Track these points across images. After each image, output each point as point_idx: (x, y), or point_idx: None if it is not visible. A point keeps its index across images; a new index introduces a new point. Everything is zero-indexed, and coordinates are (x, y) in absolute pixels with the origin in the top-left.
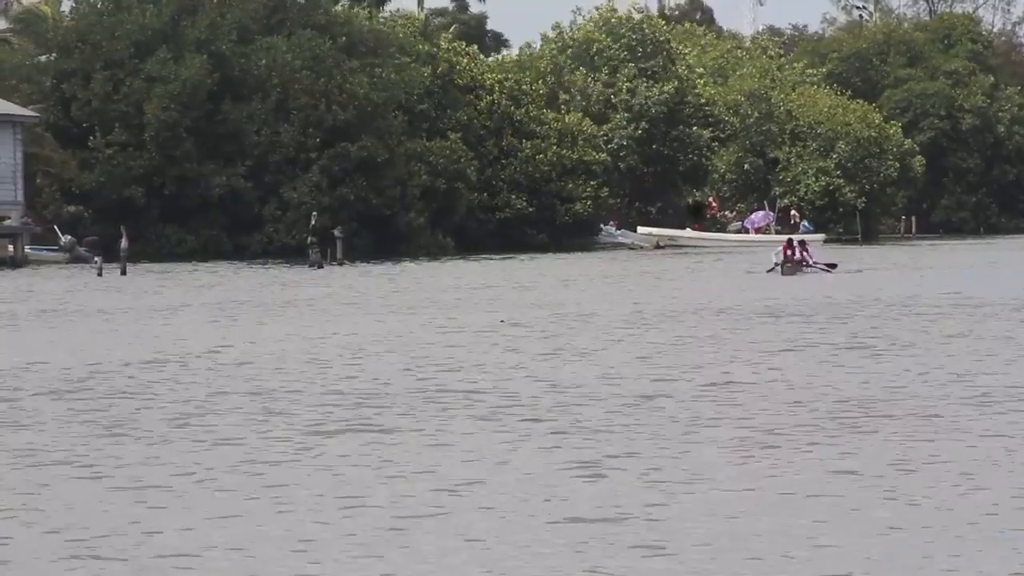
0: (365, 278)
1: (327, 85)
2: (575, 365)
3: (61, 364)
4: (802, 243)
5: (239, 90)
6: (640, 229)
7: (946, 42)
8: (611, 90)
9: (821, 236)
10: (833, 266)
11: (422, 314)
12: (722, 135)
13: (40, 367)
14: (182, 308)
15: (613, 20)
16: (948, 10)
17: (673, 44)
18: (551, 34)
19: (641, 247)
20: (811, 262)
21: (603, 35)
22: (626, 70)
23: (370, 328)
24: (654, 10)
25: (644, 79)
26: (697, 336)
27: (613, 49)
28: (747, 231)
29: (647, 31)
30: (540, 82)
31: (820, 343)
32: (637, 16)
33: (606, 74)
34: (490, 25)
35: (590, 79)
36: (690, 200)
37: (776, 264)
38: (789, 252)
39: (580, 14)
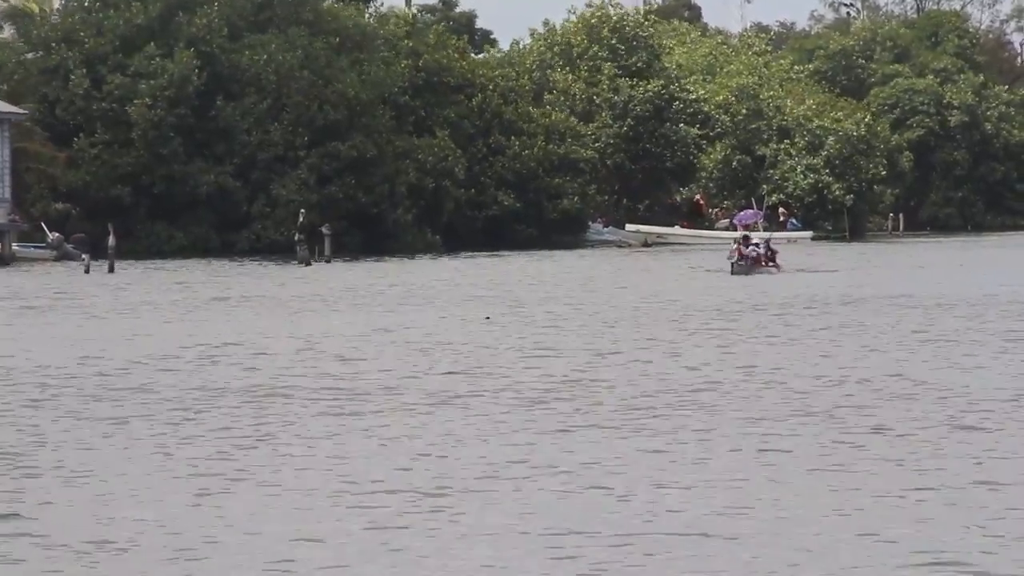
0: (350, 275)
1: (323, 86)
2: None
3: (33, 360)
4: (767, 242)
5: (229, 88)
6: (628, 226)
7: (933, 39)
8: (594, 89)
9: (809, 233)
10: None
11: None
12: (711, 133)
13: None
14: (165, 306)
15: (593, 20)
16: (935, 7)
17: (656, 40)
18: (541, 31)
19: (629, 244)
20: (766, 262)
21: (582, 38)
22: (607, 69)
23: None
24: (641, 6)
25: (627, 77)
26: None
27: (593, 50)
28: (736, 228)
29: (628, 29)
30: (527, 78)
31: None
32: (615, 12)
33: (586, 72)
34: (478, 23)
35: (571, 78)
36: (678, 199)
37: (730, 263)
38: (742, 251)
39: (574, 12)
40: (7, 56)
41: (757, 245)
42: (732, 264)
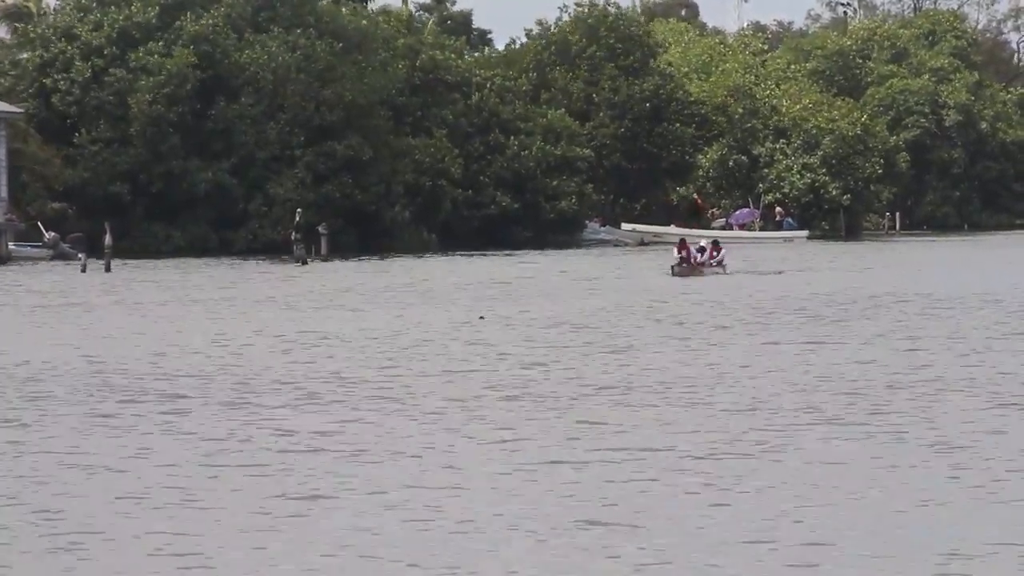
0: (350, 275)
1: (320, 88)
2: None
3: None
4: (715, 243)
5: (228, 87)
6: (624, 225)
7: (930, 39)
8: (593, 88)
9: (805, 232)
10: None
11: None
12: (708, 134)
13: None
14: (161, 305)
15: (590, 20)
16: (933, 7)
17: (653, 38)
18: (535, 30)
19: (625, 244)
20: (713, 263)
21: (579, 36)
22: (607, 69)
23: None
24: (637, 4)
25: (625, 76)
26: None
27: (591, 49)
28: (732, 228)
29: (623, 28)
30: (523, 78)
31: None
32: (612, 11)
33: (586, 71)
34: (475, 22)
35: (570, 76)
36: (674, 199)
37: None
38: (684, 253)
39: (567, 11)
40: (2, 55)
41: (702, 248)
42: (672, 266)
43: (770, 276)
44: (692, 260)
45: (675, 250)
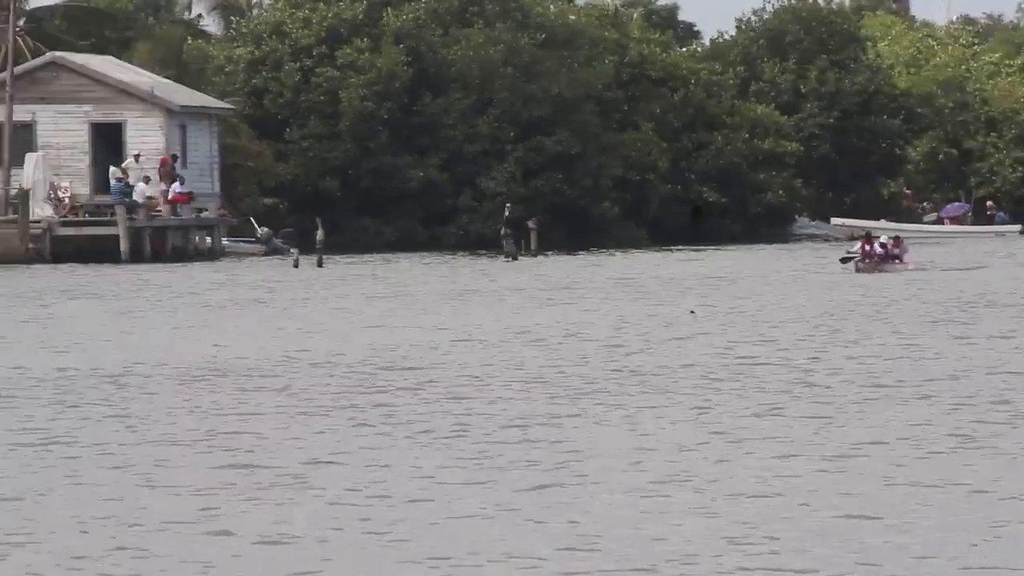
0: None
1: (526, 82)
2: None
3: (262, 353)
4: (897, 239)
5: (435, 82)
6: (834, 220)
7: None
8: (801, 81)
9: (1017, 227)
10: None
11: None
12: (916, 127)
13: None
14: (377, 300)
15: (804, 14)
16: None
17: (863, 33)
18: (744, 23)
19: (836, 239)
20: (897, 259)
21: (795, 27)
22: (819, 61)
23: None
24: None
25: (836, 70)
26: None
27: (805, 42)
28: (943, 222)
29: (836, 23)
30: (731, 71)
31: None
32: (824, 5)
33: (794, 63)
34: (681, 15)
35: (778, 68)
36: (885, 192)
37: (851, 258)
38: (867, 248)
39: (771, 1)
40: (218, 50)
41: (884, 244)
42: (855, 262)
43: (959, 272)
44: (874, 255)
45: (859, 245)
